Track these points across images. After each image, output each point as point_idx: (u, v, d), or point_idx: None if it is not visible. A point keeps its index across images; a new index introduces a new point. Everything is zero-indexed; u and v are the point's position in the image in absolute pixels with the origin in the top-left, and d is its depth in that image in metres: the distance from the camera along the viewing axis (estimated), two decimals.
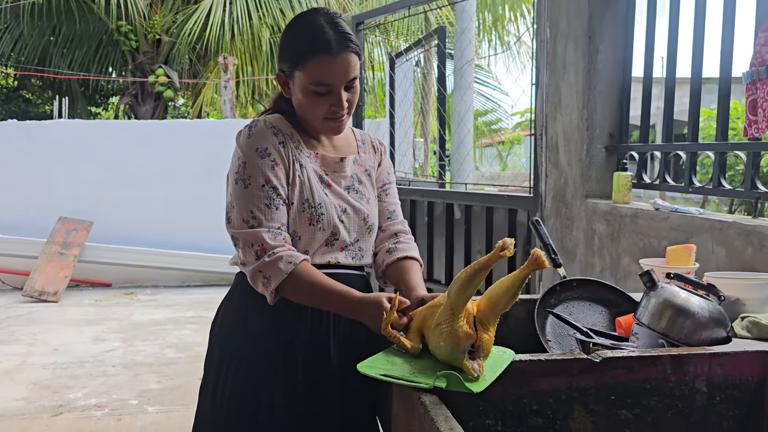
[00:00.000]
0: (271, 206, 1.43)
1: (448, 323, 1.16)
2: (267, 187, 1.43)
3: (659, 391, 1.29)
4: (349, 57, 1.43)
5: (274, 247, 1.40)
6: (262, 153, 1.45)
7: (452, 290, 1.17)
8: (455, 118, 5.84)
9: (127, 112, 11.72)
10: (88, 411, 3.63)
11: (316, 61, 1.41)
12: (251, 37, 10.73)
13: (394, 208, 1.69)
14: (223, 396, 1.48)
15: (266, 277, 1.39)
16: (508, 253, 1.10)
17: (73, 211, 7.23)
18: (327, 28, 1.43)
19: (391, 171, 1.73)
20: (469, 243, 3.86)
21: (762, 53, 1.90)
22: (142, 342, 5.07)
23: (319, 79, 1.42)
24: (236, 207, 1.44)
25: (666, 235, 2.26)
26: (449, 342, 1.15)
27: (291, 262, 1.39)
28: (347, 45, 1.43)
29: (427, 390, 1.10)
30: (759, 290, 1.62)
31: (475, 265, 1.15)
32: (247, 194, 1.43)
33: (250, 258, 1.41)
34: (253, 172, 1.43)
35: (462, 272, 1.17)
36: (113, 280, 7.29)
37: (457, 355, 1.15)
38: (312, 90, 1.44)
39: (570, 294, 1.74)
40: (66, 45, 11.81)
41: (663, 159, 2.57)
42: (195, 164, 7.34)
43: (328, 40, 1.41)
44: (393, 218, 1.67)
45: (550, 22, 3.07)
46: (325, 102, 1.45)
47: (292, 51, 1.45)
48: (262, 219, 1.42)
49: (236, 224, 1.44)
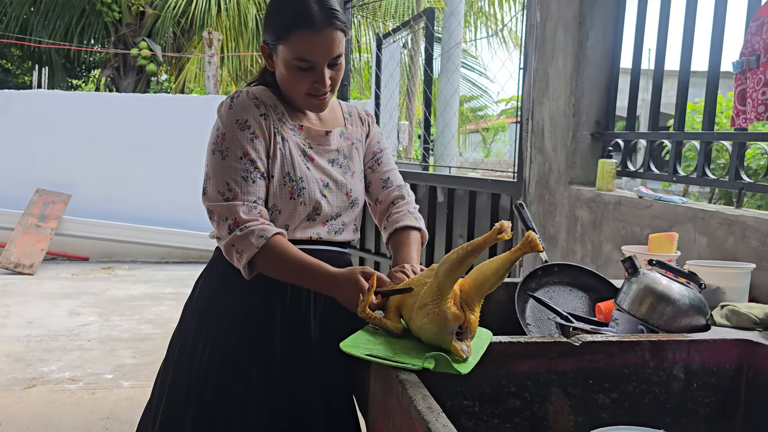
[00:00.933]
0: (248, 179, 1.40)
1: (435, 304, 1.14)
2: (245, 159, 1.40)
3: (637, 377, 1.29)
4: (334, 33, 1.39)
5: (247, 221, 1.37)
6: (242, 125, 1.41)
7: (441, 270, 1.14)
8: (441, 101, 5.81)
9: (109, 85, 11.53)
10: (61, 384, 3.60)
11: (299, 35, 1.37)
12: (237, 13, 10.58)
13: (388, 176, 1.65)
14: (200, 368, 1.45)
15: (239, 251, 1.37)
16: (506, 236, 1.07)
17: (51, 183, 7.12)
18: (312, 1, 1.38)
19: (382, 139, 1.69)
20: (450, 226, 3.85)
21: (752, 42, 1.89)
22: (119, 317, 5.02)
23: (301, 54, 1.38)
24: (212, 179, 1.41)
25: (649, 223, 2.26)
26: (437, 323, 1.13)
27: (263, 236, 1.36)
28: (332, 21, 1.38)
29: (410, 370, 1.08)
30: (739, 279, 1.63)
31: (468, 246, 1.13)
32: (224, 166, 1.40)
33: (224, 232, 1.38)
34: (232, 143, 1.40)
35: (452, 253, 1.14)
36: (91, 254, 7.20)
37: (445, 337, 1.13)
38: (294, 65, 1.40)
39: (551, 279, 1.74)
40: (47, 14, 11.56)
41: (649, 147, 2.56)
42: (177, 140, 7.25)
43: (312, 14, 1.37)
44: (388, 186, 1.64)
45: (540, 5, 3.04)
46: (307, 78, 1.41)
47: (275, 24, 1.42)
48: (238, 192, 1.39)
49: (212, 197, 1.40)
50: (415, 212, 1.63)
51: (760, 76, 1.84)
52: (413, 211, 1.63)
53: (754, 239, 1.81)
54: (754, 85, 1.86)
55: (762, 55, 1.84)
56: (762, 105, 1.84)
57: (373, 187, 1.64)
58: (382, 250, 4.31)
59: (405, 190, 1.66)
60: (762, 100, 1.84)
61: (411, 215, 1.61)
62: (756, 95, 1.85)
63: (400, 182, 1.67)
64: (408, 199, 1.65)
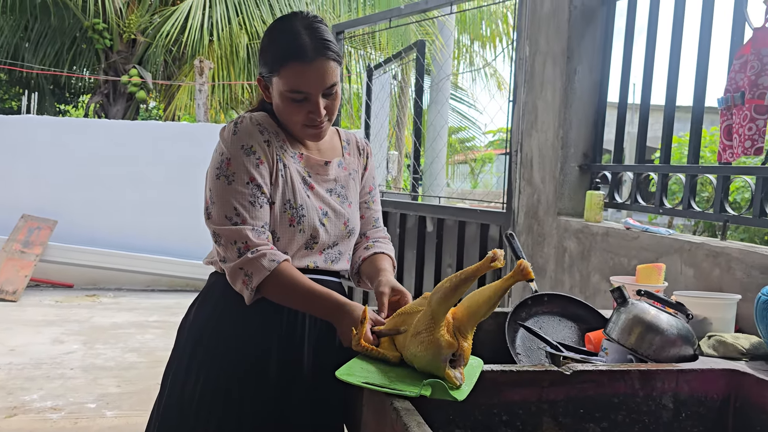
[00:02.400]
0: (255, 204, 1.41)
1: (428, 332, 1.15)
2: (251, 184, 1.41)
3: (627, 406, 1.30)
4: (326, 63, 1.40)
5: (258, 245, 1.38)
6: (247, 150, 1.42)
7: (434, 299, 1.15)
8: (431, 132, 5.87)
9: (98, 112, 11.52)
10: (43, 413, 3.53)
11: (291, 67, 1.39)
12: (229, 42, 10.66)
13: (378, 215, 1.71)
14: (194, 392, 1.44)
15: (248, 274, 1.37)
16: (499, 264, 1.09)
17: (37, 209, 7.06)
18: (303, 33, 1.40)
19: (376, 175, 1.74)
20: (440, 256, 3.86)
21: (736, 80, 1.95)
22: (103, 345, 4.96)
23: (294, 86, 1.40)
24: (217, 203, 1.41)
25: (636, 255, 2.29)
26: (431, 351, 1.14)
27: (274, 260, 1.37)
28: (324, 51, 1.40)
29: (403, 397, 1.09)
30: (725, 310, 1.65)
31: (461, 274, 1.14)
32: (230, 191, 1.40)
33: (232, 255, 1.38)
34: (238, 168, 1.41)
35: (446, 281, 1.16)
36: (75, 281, 7.12)
37: (439, 364, 1.14)
38: (289, 97, 1.41)
39: (541, 308, 1.75)
40: (38, 40, 11.59)
41: (635, 180, 2.61)
42: (165, 167, 7.24)
43: (303, 46, 1.38)
44: (377, 226, 1.70)
45: (529, 40, 3.11)
46: (302, 109, 1.42)
47: (269, 56, 1.43)
48: (246, 216, 1.39)
49: (217, 220, 1.40)
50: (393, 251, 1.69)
51: (746, 113, 1.90)
52: (393, 250, 1.69)
53: (739, 271, 1.84)
54: (741, 121, 1.90)
55: (747, 92, 1.89)
56: (749, 140, 1.89)
57: (364, 222, 1.67)
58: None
59: (388, 234, 1.74)
60: (748, 136, 1.89)
61: (393, 252, 1.67)
62: (743, 131, 1.89)
63: (383, 225, 1.75)
64: (390, 240, 1.72)
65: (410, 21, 5.66)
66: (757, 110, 1.88)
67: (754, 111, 1.88)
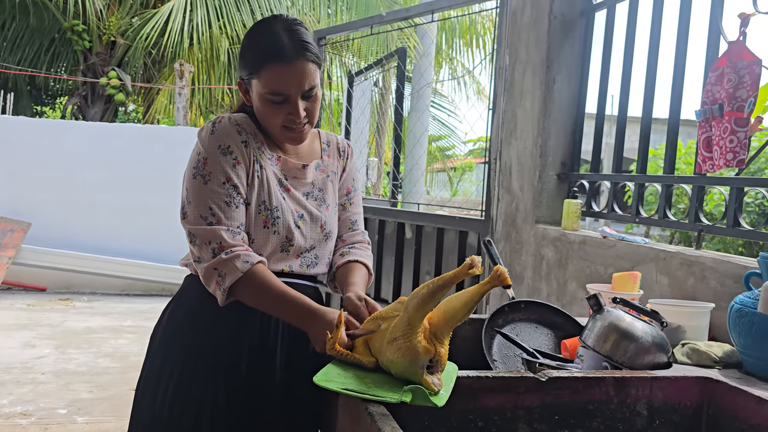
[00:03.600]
0: (231, 204, 1.39)
1: (405, 338, 1.14)
2: (228, 184, 1.40)
3: (601, 413, 1.31)
4: (305, 65, 1.40)
5: (233, 246, 1.36)
6: (224, 150, 1.41)
7: (411, 305, 1.15)
8: (410, 139, 5.89)
9: (75, 114, 11.38)
10: (12, 419, 3.46)
11: (270, 69, 1.38)
12: (210, 46, 10.60)
13: (356, 218, 1.67)
14: (165, 395, 1.42)
15: (221, 275, 1.35)
16: (476, 271, 1.09)
17: (10, 211, 6.94)
18: (283, 35, 1.39)
19: (356, 177, 1.70)
20: (418, 263, 3.86)
21: (713, 92, 1.97)
22: (76, 350, 4.88)
23: (273, 88, 1.39)
24: (193, 203, 1.40)
25: (612, 263, 2.31)
26: (408, 357, 1.14)
27: (248, 262, 1.36)
28: (303, 53, 1.39)
29: (383, 403, 1.08)
30: (699, 318, 1.67)
31: (439, 281, 1.14)
32: (206, 190, 1.39)
33: (207, 255, 1.37)
34: (214, 168, 1.40)
35: (423, 287, 1.15)
36: (48, 284, 7.01)
37: (416, 370, 1.13)
38: (268, 99, 1.41)
39: (518, 315, 1.75)
40: (15, 40, 11.43)
41: (612, 189, 2.63)
42: (143, 170, 7.17)
43: (282, 47, 1.38)
44: (354, 228, 1.66)
45: (509, 49, 3.13)
46: (281, 111, 1.41)
47: (248, 58, 1.43)
48: (221, 217, 1.38)
49: (192, 220, 1.39)
50: (371, 258, 1.66)
51: (726, 125, 1.92)
52: (371, 257, 1.66)
53: (713, 280, 1.86)
54: (721, 134, 1.93)
55: (726, 105, 1.92)
56: (731, 152, 1.91)
57: (340, 224, 1.65)
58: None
59: (367, 238, 1.70)
60: (730, 148, 1.91)
61: (370, 259, 1.64)
62: (723, 143, 1.92)
63: (363, 228, 1.70)
64: (369, 246, 1.69)
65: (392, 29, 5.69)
66: (738, 123, 1.91)
67: (734, 124, 1.91)
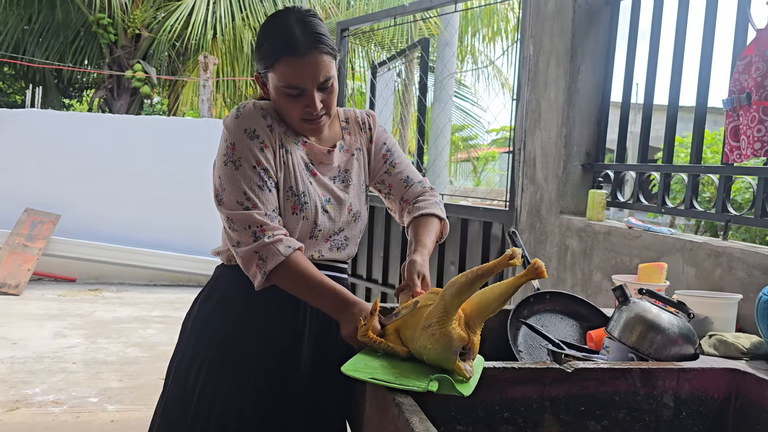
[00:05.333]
0: (264, 188, 1.40)
1: (440, 324, 1.16)
2: (258, 168, 1.40)
3: (628, 404, 1.31)
4: (320, 57, 1.39)
5: (275, 229, 1.37)
6: (250, 134, 1.42)
7: (448, 293, 1.17)
8: (434, 129, 5.87)
9: (102, 106, 11.54)
10: (45, 407, 3.55)
11: (285, 63, 1.38)
12: (233, 38, 10.66)
13: (406, 173, 1.66)
14: (195, 385, 1.45)
15: (262, 258, 1.36)
16: (516, 261, 1.11)
17: (40, 203, 7.08)
18: (296, 28, 1.39)
19: (388, 137, 1.67)
20: (442, 254, 3.87)
21: (741, 80, 1.95)
22: (105, 339, 4.97)
23: (289, 81, 1.39)
24: (228, 188, 1.40)
25: (638, 254, 2.29)
26: (442, 343, 1.16)
27: (290, 247, 1.37)
28: (317, 45, 1.39)
29: (407, 392, 1.10)
30: (727, 310, 1.65)
31: (478, 270, 1.16)
32: (238, 175, 1.39)
33: (247, 239, 1.37)
34: (243, 153, 1.40)
35: (461, 276, 1.17)
36: (78, 275, 7.14)
37: (449, 357, 1.15)
38: (284, 92, 1.41)
39: (543, 306, 1.76)
40: (42, 34, 11.60)
41: (638, 179, 2.61)
42: (169, 162, 7.25)
43: (296, 40, 1.38)
44: (409, 184, 1.65)
45: (533, 39, 3.11)
46: (298, 104, 1.41)
47: (263, 53, 1.43)
48: (257, 201, 1.38)
49: (229, 205, 1.39)
50: (441, 203, 1.65)
51: (753, 114, 1.89)
52: (439, 203, 1.65)
53: (740, 271, 1.85)
54: (748, 123, 1.90)
55: (753, 93, 1.89)
56: (758, 142, 1.89)
57: (394, 189, 1.65)
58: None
59: (428, 184, 1.68)
60: (758, 137, 1.88)
61: (437, 206, 1.63)
62: (751, 132, 1.89)
63: (419, 177, 1.68)
64: (433, 192, 1.67)
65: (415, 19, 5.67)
66: (766, 112, 1.87)
67: (762, 113, 1.88)
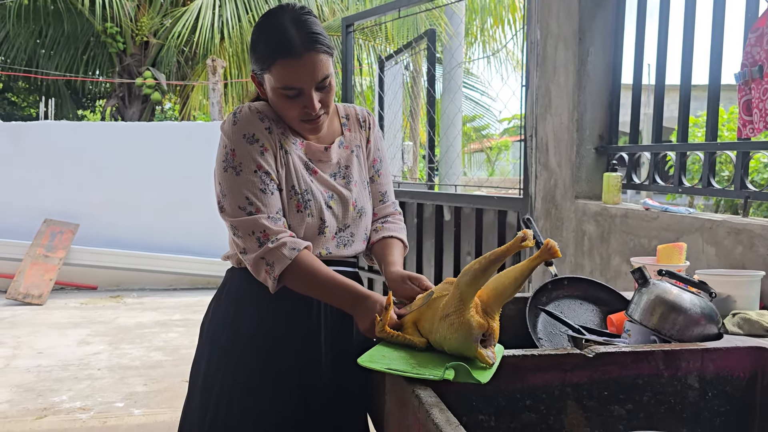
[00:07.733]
0: (266, 191, 1.39)
1: (458, 313, 1.16)
2: (260, 172, 1.40)
3: (651, 387, 1.29)
4: (316, 57, 1.37)
5: (277, 233, 1.37)
6: (250, 139, 1.41)
7: (463, 281, 1.16)
8: (444, 121, 5.85)
9: (114, 115, 11.64)
10: (73, 414, 3.59)
11: (281, 64, 1.36)
12: (240, 40, 10.70)
13: (386, 189, 1.65)
14: (213, 387, 1.46)
15: (269, 263, 1.36)
16: (529, 243, 1.10)
17: (58, 213, 7.16)
18: (290, 28, 1.36)
19: (381, 146, 1.67)
20: (458, 244, 3.86)
21: (753, 53, 1.91)
22: (128, 345, 5.02)
23: (286, 83, 1.37)
24: (229, 195, 1.40)
25: (656, 235, 2.27)
26: (462, 332, 1.15)
27: (295, 248, 1.36)
28: (313, 45, 1.36)
29: (425, 383, 1.09)
30: (749, 287, 1.63)
31: (491, 255, 1.14)
32: (239, 181, 1.39)
33: (252, 245, 1.37)
34: (244, 158, 1.39)
35: (475, 263, 1.16)
36: (99, 283, 7.22)
37: (471, 345, 1.14)
38: (282, 93, 1.39)
39: (561, 292, 1.74)
40: (53, 47, 11.71)
41: (653, 160, 2.58)
42: (182, 166, 7.30)
43: (292, 41, 1.35)
44: (384, 200, 1.65)
45: (540, 23, 3.08)
46: (296, 104, 1.40)
47: (258, 54, 1.40)
48: (259, 205, 1.38)
49: (231, 212, 1.39)
50: (404, 230, 1.66)
51: (765, 87, 1.86)
52: (404, 228, 1.66)
53: (762, 247, 1.81)
54: (761, 96, 1.87)
55: (765, 66, 1.86)
56: None
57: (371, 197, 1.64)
58: None
59: (398, 208, 1.69)
60: None
61: (403, 231, 1.64)
62: (763, 105, 1.86)
63: (393, 197, 1.69)
64: (401, 216, 1.68)
65: (420, 10, 5.64)
66: None
67: None
